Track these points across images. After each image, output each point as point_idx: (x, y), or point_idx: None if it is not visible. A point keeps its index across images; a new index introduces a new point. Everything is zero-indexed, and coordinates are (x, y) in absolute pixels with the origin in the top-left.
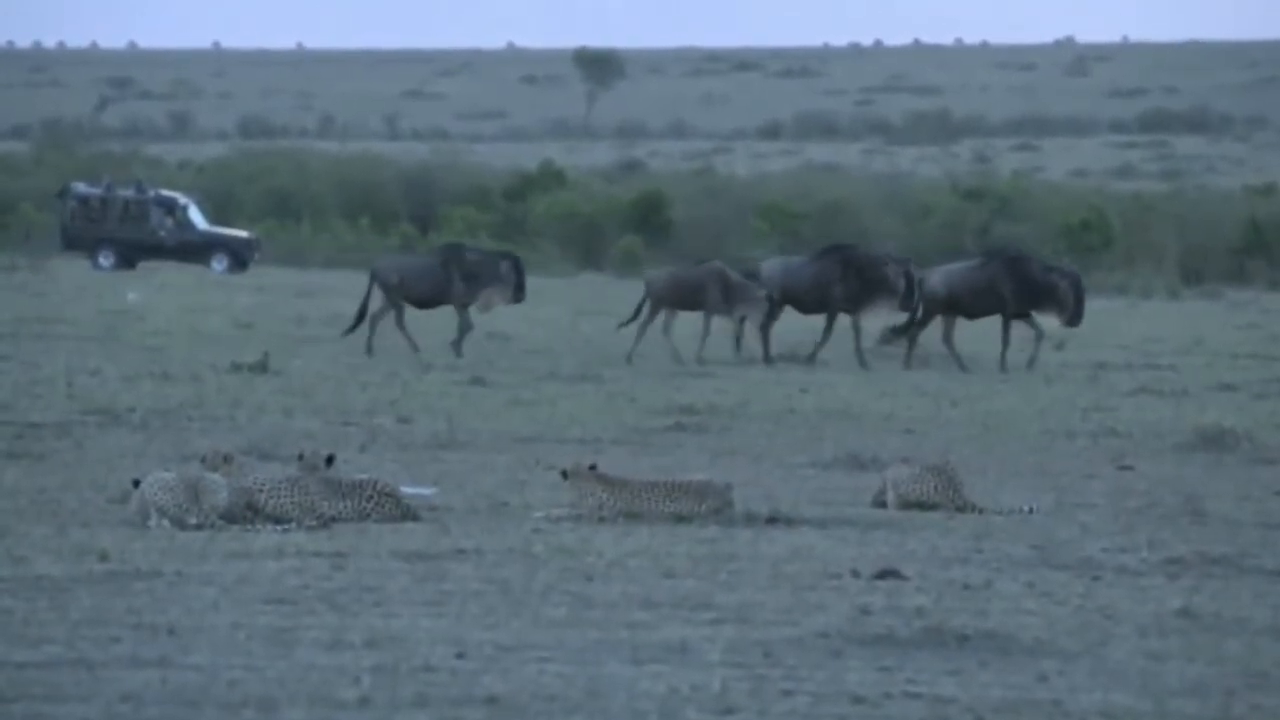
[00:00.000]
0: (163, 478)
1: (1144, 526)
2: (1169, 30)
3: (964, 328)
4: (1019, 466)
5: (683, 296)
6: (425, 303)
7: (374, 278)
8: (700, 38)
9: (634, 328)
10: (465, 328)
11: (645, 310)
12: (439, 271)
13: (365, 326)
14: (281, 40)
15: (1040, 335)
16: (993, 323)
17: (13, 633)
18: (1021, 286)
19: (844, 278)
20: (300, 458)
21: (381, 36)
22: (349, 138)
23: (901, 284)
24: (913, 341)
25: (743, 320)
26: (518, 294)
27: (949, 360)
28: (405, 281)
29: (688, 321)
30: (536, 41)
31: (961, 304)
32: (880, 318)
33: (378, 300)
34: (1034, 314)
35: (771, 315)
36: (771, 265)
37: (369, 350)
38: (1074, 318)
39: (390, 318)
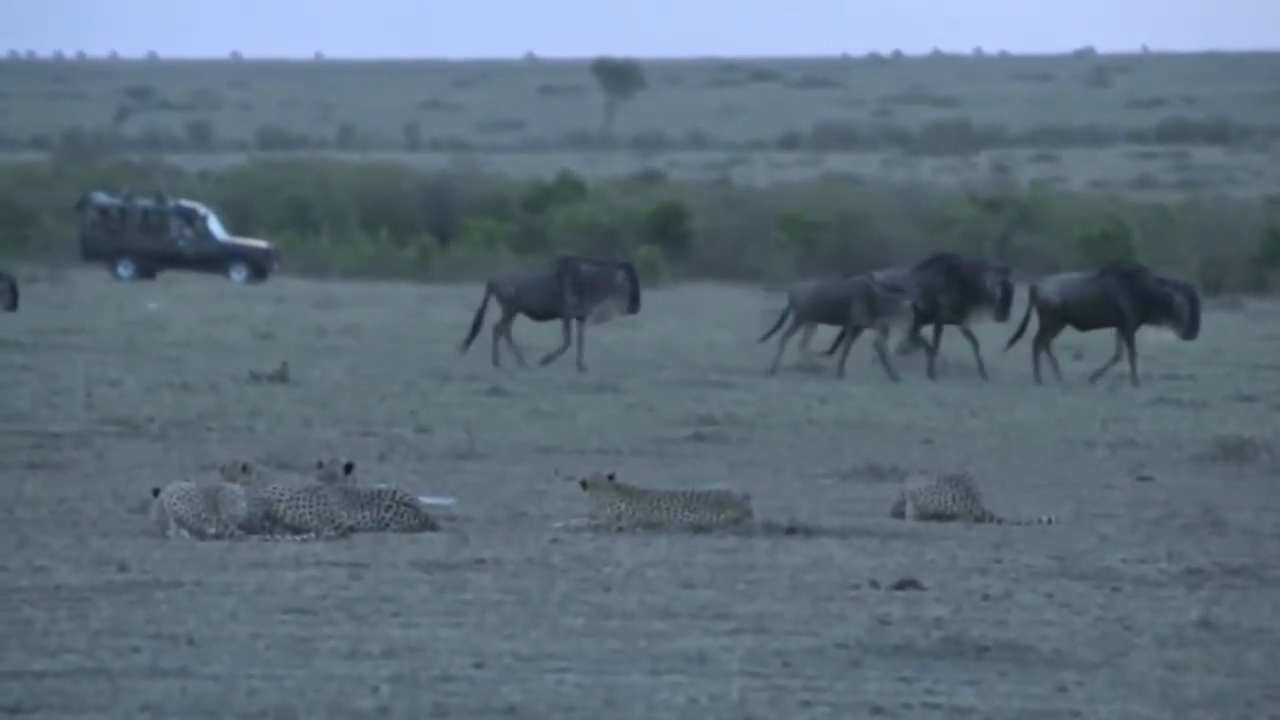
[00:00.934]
0: (181, 488)
1: (1163, 537)
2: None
3: (984, 336)
4: (1038, 477)
5: (828, 310)
6: (540, 315)
7: (490, 290)
8: (719, 48)
9: (775, 340)
10: (567, 343)
11: (789, 322)
12: (554, 284)
13: (472, 338)
14: (301, 51)
15: (1121, 354)
16: (1000, 335)
17: (33, 642)
18: (1138, 299)
19: (947, 287)
20: (319, 465)
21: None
22: (368, 148)
23: (999, 293)
24: (1043, 350)
25: (887, 332)
26: (633, 304)
27: (970, 371)
28: (521, 294)
29: (701, 329)
30: (555, 52)
31: (1075, 315)
32: (980, 326)
33: (495, 313)
34: (1148, 327)
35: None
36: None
37: (496, 362)
38: (1190, 331)
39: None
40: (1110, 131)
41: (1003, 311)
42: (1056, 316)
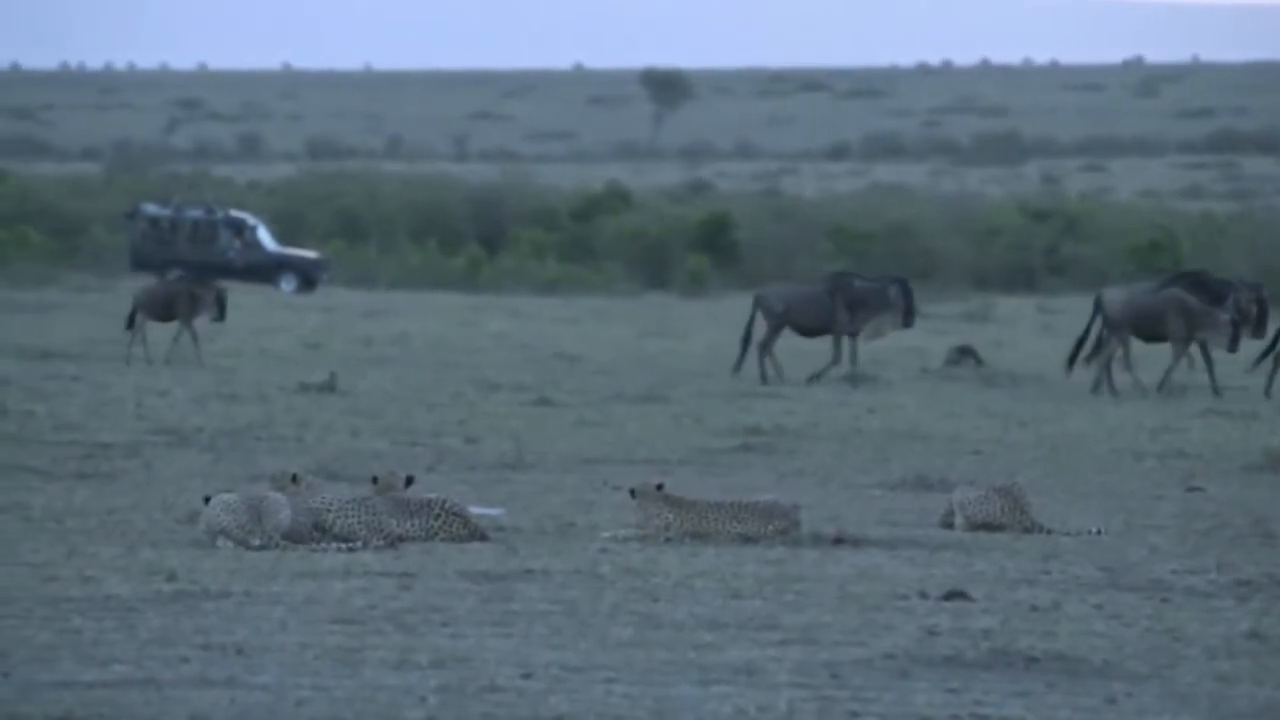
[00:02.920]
0: (225, 499)
1: (1213, 548)
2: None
3: (1033, 347)
4: (1087, 488)
5: (1143, 323)
6: (810, 331)
7: (758, 305)
8: (767, 58)
9: (1080, 357)
10: (836, 359)
11: (1103, 335)
12: (825, 299)
13: (740, 355)
14: (350, 61)
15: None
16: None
17: (82, 653)
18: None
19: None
20: (374, 481)
21: (450, 57)
22: (417, 159)
23: (1253, 310)
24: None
25: (1207, 347)
26: (907, 319)
27: (1021, 380)
28: (790, 309)
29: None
30: (604, 62)
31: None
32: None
33: (761, 329)
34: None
35: (1121, 344)
36: (1114, 294)
37: (763, 379)
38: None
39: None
40: (1159, 142)
41: (1258, 329)
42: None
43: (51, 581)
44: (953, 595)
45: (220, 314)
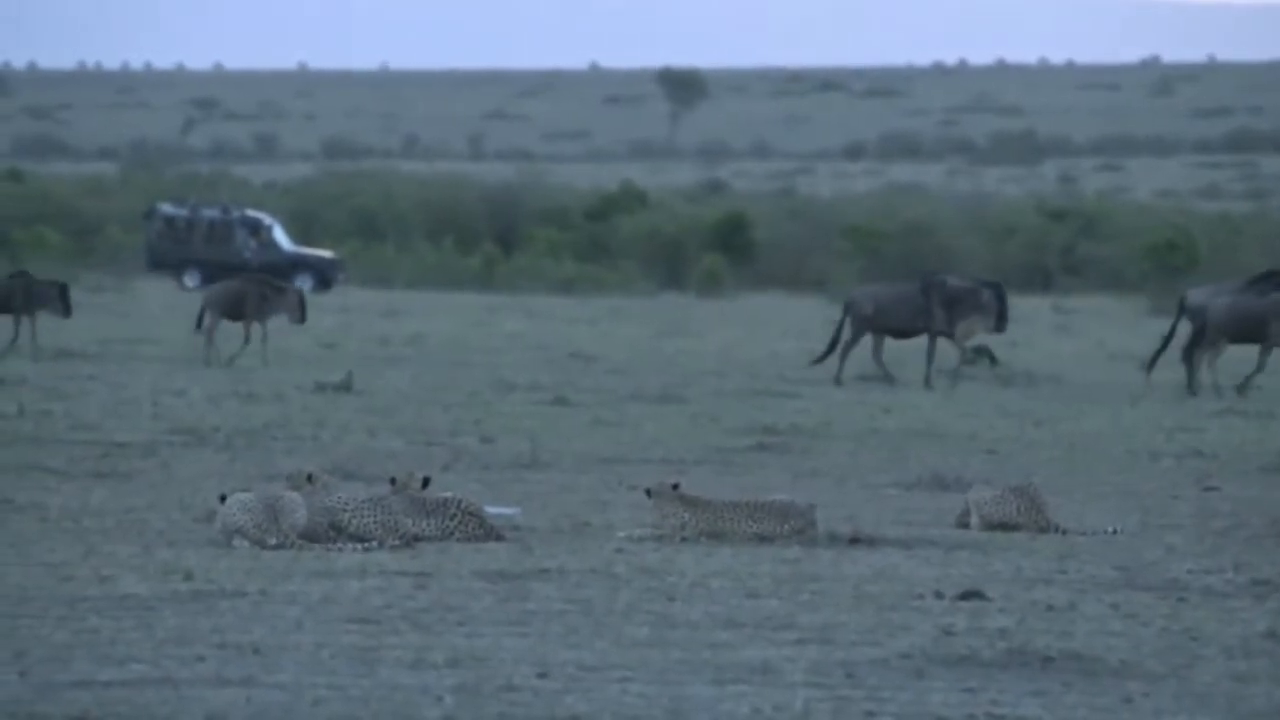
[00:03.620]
0: (241, 498)
1: (1230, 548)
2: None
3: (1049, 347)
4: (1103, 487)
5: (1243, 328)
6: (902, 332)
7: (849, 307)
8: (783, 57)
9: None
10: (931, 358)
11: (1205, 339)
12: (918, 300)
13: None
14: (366, 61)
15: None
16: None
17: (99, 652)
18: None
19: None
20: (392, 482)
21: (465, 57)
22: (433, 158)
23: None
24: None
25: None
26: (1000, 323)
27: (1036, 380)
28: (881, 310)
29: (764, 338)
30: (619, 62)
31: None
32: None
33: (849, 330)
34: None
35: (1218, 348)
36: (1215, 300)
37: (838, 381)
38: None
39: (854, 346)
40: (1176, 141)
41: None
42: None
43: (68, 581)
44: (969, 595)
45: (301, 316)
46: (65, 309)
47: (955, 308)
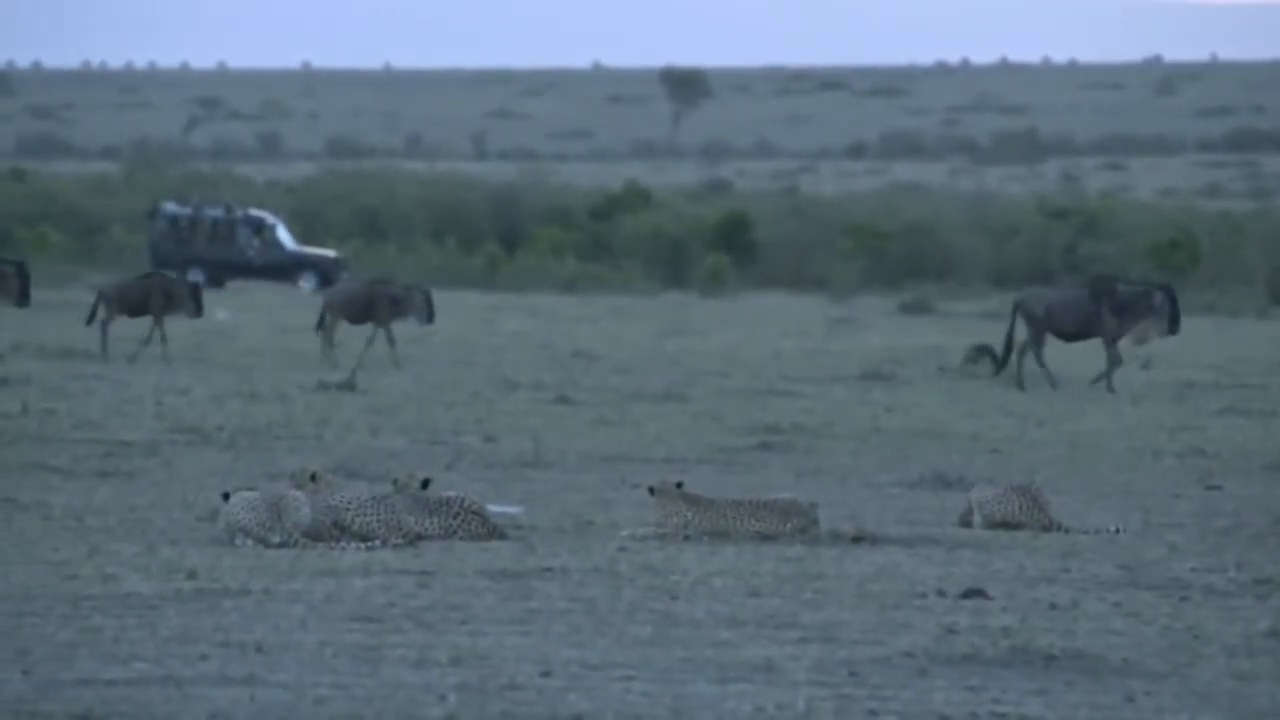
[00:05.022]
0: (245, 497)
1: (1232, 547)
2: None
3: (1051, 346)
4: (1106, 486)
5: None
6: (1072, 335)
7: (1018, 309)
8: (786, 56)
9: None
10: (1114, 362)
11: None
12: (1088, 304)
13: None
14: (370, 60)
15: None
16: (1081, 344)
17: (102, 650)
18: None
19: None
20: (394, 483)
21: (469, 56)
22: (436, 158)
23: None
24: None
25: None
26: (1172, 326)
27: (1039, 380)
28: (1052, 313)
29: (767, 337)
30: (623, 61)
31: None
32: None
33: (1021, 332)
34: None
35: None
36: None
37: (1020, 386)
38: None
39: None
40: (1178, 140)
41: None
42: None
43: (72, 579)
44: (971, 593)
45: (429, 316)
46: (198, 308)
47: (1126, 312)
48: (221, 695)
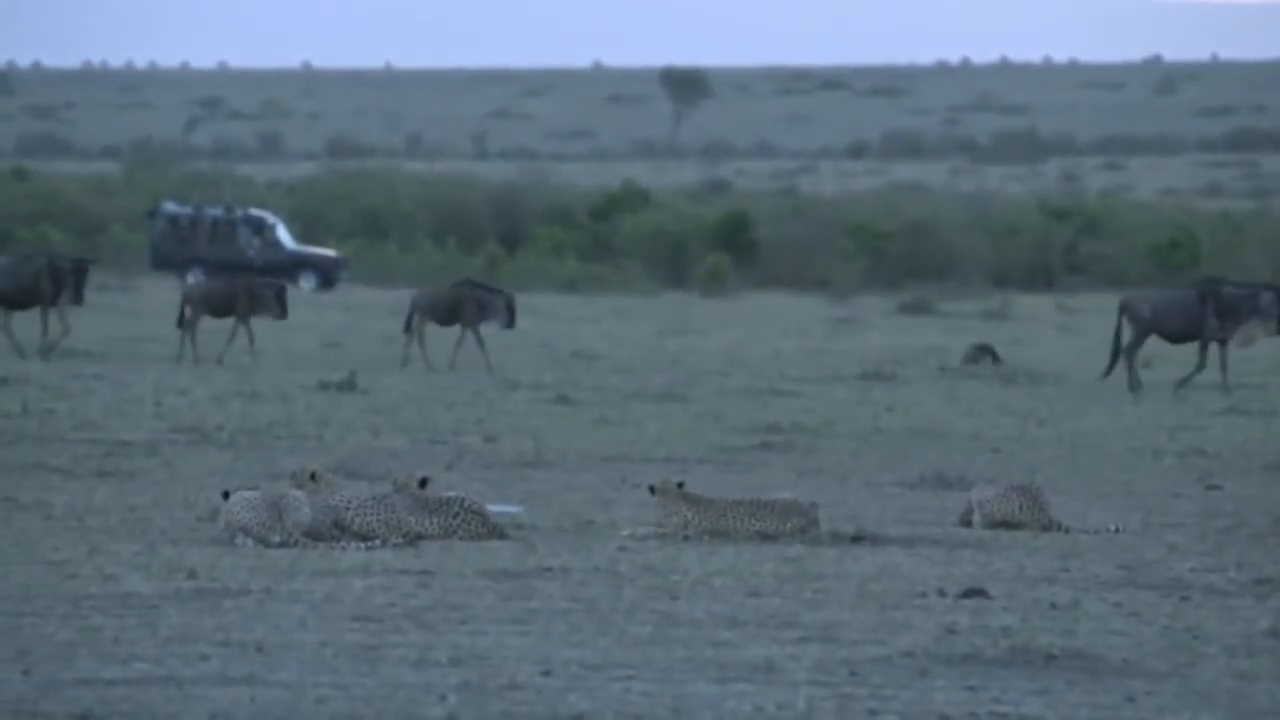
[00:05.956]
0: (245, 496)
1: (1233, 546)
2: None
3: (1052, 345)
4: (1106, 486)
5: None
6: (1177, 337)
7: (1124, 311)
8: (786, 56)
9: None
10: (1202, 365)
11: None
12: (1195, 306)
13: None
14: (371, 60)
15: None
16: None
17: (102, 650)
18: None
19: None
20: (394, 484)
21: (469, 56)
22: (437, 157)
23: None
24: None
25: None
26: None
27: (1038, 379)
28: (1158, 315)
29: (767, 337)
30: (623, 61)
31: None
32: None
33: (1128, 334)
34: None
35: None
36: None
37: (1130, 387)
38: None
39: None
40: (1179, 140)
41: None
42: None
43: (72, 579)
44: (971, 593)
45: (510, 321)
46: (283, 310)
47: (1232, 314)
48: (221, 695)
